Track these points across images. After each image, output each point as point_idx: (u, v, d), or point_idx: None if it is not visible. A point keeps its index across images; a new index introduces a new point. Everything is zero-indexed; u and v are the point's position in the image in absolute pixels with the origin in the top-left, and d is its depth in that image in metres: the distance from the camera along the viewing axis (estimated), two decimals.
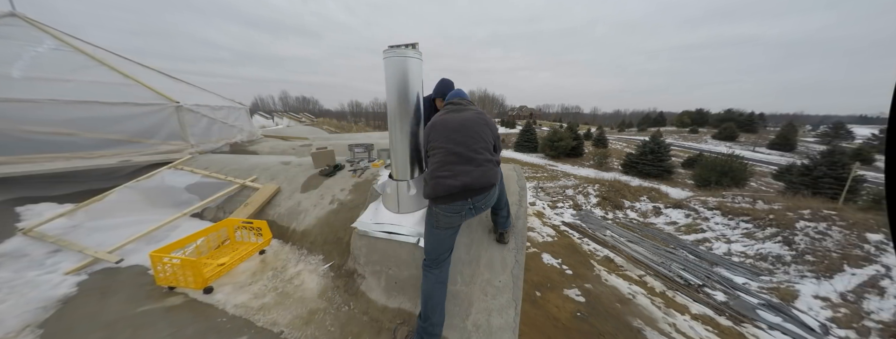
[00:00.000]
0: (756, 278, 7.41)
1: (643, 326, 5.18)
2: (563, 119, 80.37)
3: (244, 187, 3.34)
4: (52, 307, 1.90)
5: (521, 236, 2.30)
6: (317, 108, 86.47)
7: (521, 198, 2.73)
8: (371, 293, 2.03)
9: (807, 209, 9.37)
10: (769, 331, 5.62)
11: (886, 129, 0.55)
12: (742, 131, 44.03)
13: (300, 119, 23.98)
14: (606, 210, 12.25)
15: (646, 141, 20.11)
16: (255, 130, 6.75)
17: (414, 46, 2.04)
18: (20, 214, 2.81)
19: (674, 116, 73.26)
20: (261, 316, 1.88)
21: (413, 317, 1.85)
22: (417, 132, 2.16)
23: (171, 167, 3.74)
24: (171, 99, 4.15)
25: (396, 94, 2.04)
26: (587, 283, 6.41)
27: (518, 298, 1.99)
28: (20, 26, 4.01)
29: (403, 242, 2.08)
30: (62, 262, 2.32)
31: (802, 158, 16.92)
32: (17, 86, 3.29)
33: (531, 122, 35.58)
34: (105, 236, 2.62)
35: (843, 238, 7.83)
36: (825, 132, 43.00)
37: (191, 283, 2.04)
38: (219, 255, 2.44)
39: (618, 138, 41.62)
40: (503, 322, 1.86)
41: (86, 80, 3.80)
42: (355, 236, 2.25)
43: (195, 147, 4.37)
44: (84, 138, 3.52)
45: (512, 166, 3.05)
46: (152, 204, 3.18)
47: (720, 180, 15.46)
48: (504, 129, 48.12)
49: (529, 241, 8.42)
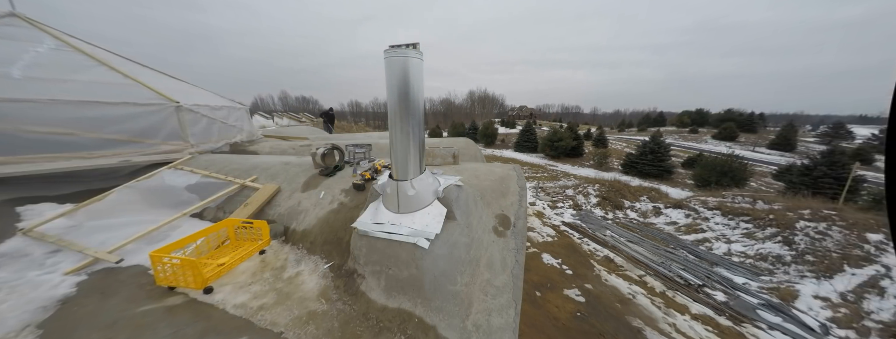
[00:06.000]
0: (756, 278, 7.42)
1: (643, 326, 5.18)
2: (563, 119, 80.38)
3: (244, 187, 3.34)
4: (52, 307, 1.90)
5: (521, 236, 2.30)
6: (317, 108, 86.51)
7: (521, 198, 2.73)
8: (371, 293, 2.03)
9: (807, 209, 9.38)
10: (769, 331, 5.62)
11: (886, 129, 0.55)
12: (742, 131, 44.03)
13: (300, 119, 24.00)
14: (606, 210, 12.25)
15: (646, 141, 20.13)
16: (254, 130, 6.75)
17: (415, 46, 2.03)
18: (20, 214, 2.81)
19: (674, 116, 73.27)
20: (261, 316, 1.88)
21: (413, 317, 1.85)
22: (418, 133, 2.16)
23: (171, 167, 3.74)
24: (171, 99, 4.15)
25: (397, 94, 2.04)
26: (587, 283, 6.41)
27: (518, 298, 1.99)
28: (20, 26, 4.01)
29: (403, 242, 2.08)
30: (62, 262, 2.32)
31: (802, 158, 16.93)
32: (17, 86, 3.29)
33: (531, 122, 35.55)
34: (105, 236, 2.62)
35: (843, 238, 7.83)
36: (825, 132, 43.04)
37: (191, 283, 2.04)
38: (219, 255, 2.44)
39: (618, 138, 41.64)
40: (503, 322, 1.86)
41: (86, 80, 3.79)
42: (355, 236, 2.25)
43: (195, 147, 4.37)
44: (84, 138, 3.51)
45: (512, 166, 3.05)
46: (152, 204, 3.18)
47: (720, 180, 15.47)
48: (504, 129, 48.01)
49: (529, 241, 8.42)
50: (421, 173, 2.29)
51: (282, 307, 1.95)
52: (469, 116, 71.90)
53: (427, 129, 26.48)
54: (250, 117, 6.91)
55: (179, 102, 4.17)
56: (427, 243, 2.03)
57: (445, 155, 3.47)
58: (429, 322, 1.82)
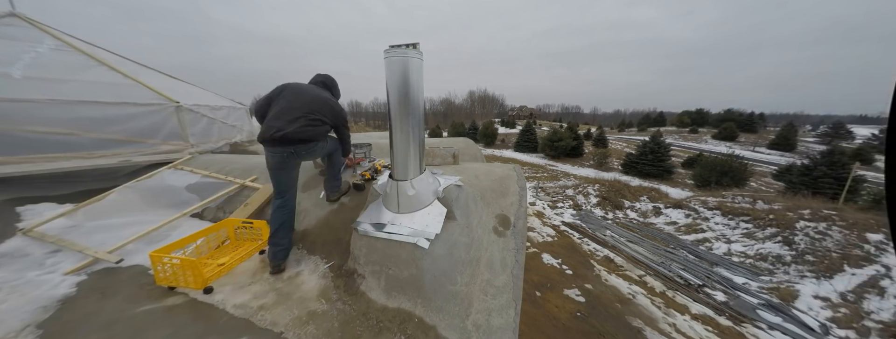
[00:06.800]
0: (756, 278, 7.42)
1: (643, 326, 5.18)
2: (562, 119, 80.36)
3: (244, 187, 3.34)
4: (52, 307, 1.90)
5: (521, 236, 2.30)
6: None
7: (521, 198, 2.73)
8: (371, 293, 2.03)
9: (807, 209, 9.38)
10: (769, 331, 5.62)
11: (886, 129, 0.55)
12: (742, 131, 44.03)
13: None
14: (606, 210, 12.26)
15: (646, 141, 20.13)
16: (255, 130, 6.75)
17: (415, 46, 2.03)
18: (20, 214, 2.81)
19: (674, 116, 73.27)
20: (261, 316, 1.88)
21: (413, 317, 1.85)
22: (418, 133, 2.16)
23: (171, 167, 3.74)
24: (171, 99, 4.15)
25: (397, 93, 2.04)
26: (587, 283, 6.42)
27: (518, 298, 1.99)
28: (20, 26, 4.01)
29: (403, 242, 2.08)
30: (62, 262, 2.32)
31: (802, 158, 16.92)
32: (18, 86, 3.29)
33: (531, 122, 35.55)
34: (105, 236, 2.62)
35: (843, 238, 7.83)
36: (825, 132, 43.01)
37: (191, 283, 2.04)
38: (219, 255, 2.44)
39: (618, 138, 41.64)
40: (503, 322, 1.86)
41: (86, 80, 3.79)
42: (355, 236, 2.25)
43: (195, 147, 4.37)
44: (84, 138, 3.52)
45: (512, 166, 3.05)
46: (152, 204, 3.18)
47: (720, 180, 15.47)
48: (504, 129, 47.98)
49: (529, 241, 8.43)
50: (421, 173, 2.29)
51: (282, 307, 1.95)
52: (469, 116, 71.91)
53: (427, 129, 26.49)
54: (250, 117, 6.91)
55: (179, 102, 4.17)
56: (427, 243, 2.03)
57: (445, 155, 3.47)
58: (429, 322, 1.82)
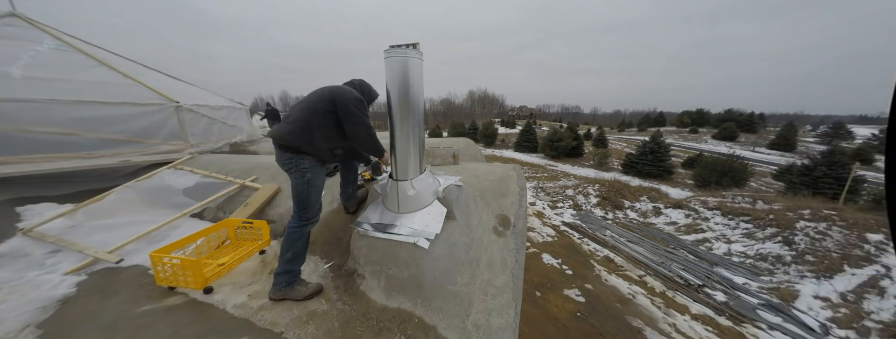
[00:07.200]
0: (756, 278, 7.42)
1: (643, 326, 5.18)
2: (562, 119, 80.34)
3: (244, 187, 3.34)
4: (52, 307, 1.90)
5: (521, 236, 2.30)
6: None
7: (521, 198, 2.74)
8: (371, 293, 2.03)
9: (807, 209, 9.38)
10: (769, 331, 5.62)
11: (886, 129, 0.55)
12: (742, 131, 44.03)
13: None
14: (606, 210, 12.25)
15: (646, 141, 20.12)
16: (254, 130, 6.75)
17: (415, 46, 2.03)
18: (20, 214, 2.81)
19: (674, 116, 73.26)
20: (261, 316, 1.88)
21: (413, 317, 1.85)
22: (418, 133, 2.16)
23: (171, 167, 3.74)
24: (171, 99, 4.15)
25: (397, 94, 2.04)
26: (587, 283, 6.41)
27: (518, 298, 1.99)
28: (20, 26, 4.01)
29: (403, 242, 2.08)
30: (62, 262, 2.32)
31: (802, 158, 16.92)
32: (18, 86, 3.29)
33: (531, 122, 35.53)
34: (105, 236, 2.62)
35: (843, 238, 7.83)
36: (825, 132, 43.00)
37: (191, 283, 2.04)
38: (219, 255, 2.44)
39: (618, 138, 41.63)
40: (503, 322, 1.86)
41: (86, 80, 3.80)
42: (355, 236, 2.25)
43: (195, 147, 4.37)
44: (84, 138, 3.52)
45: (512, 166, 3.06)
46: (152, 204, 3.18)
47: (720, 180, 15.46)
48: (504, 129, 47.98)
49: (529, 241, 8.42)
50: (421, 173, 2.29)
51: (282, 307, 1.95)
52: (469, 116, 71.88)
53: (427, 129, 26.48)
54: (250, 117, 6.91)
55: (179, 102, 4.17)
56: (427, 243, 2.03)
57: (445, 155, 3.47)
58: (429, 322, 1.82)
